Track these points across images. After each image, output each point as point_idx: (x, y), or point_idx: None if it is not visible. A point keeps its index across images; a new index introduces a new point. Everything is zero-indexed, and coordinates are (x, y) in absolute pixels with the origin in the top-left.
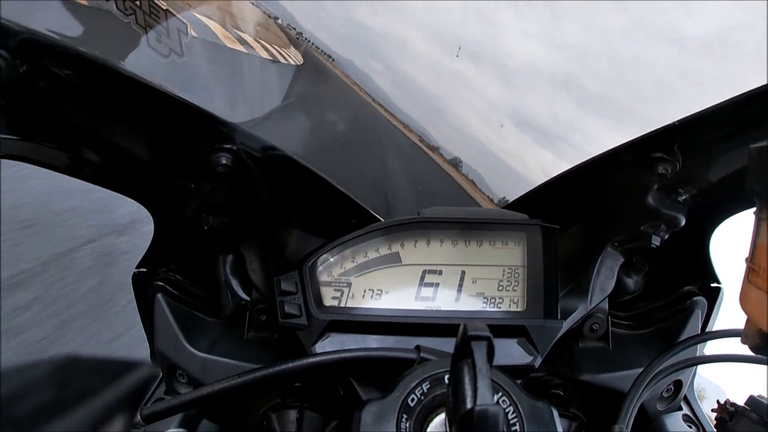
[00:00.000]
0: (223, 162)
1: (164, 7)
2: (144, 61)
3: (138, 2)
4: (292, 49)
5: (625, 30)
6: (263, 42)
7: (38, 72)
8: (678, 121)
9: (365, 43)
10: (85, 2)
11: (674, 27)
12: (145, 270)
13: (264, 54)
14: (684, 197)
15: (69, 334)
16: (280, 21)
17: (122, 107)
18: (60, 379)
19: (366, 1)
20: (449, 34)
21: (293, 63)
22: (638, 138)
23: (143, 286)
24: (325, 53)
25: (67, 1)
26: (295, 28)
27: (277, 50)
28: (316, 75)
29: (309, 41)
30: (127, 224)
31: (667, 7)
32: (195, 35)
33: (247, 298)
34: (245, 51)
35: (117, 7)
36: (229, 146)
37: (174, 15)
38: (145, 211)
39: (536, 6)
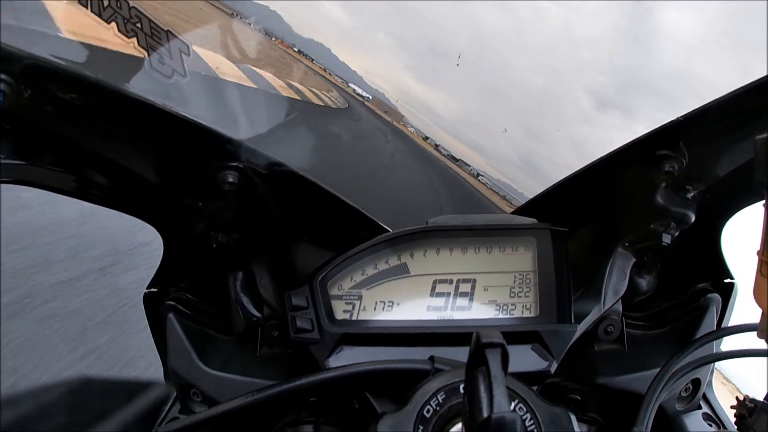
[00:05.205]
0: (230, 180)
1: (165, 29)
2: (147, 83)
3: (139, 24)
4: (334, 92)
5: None
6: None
7: (43, 96)
8: (682, 116)
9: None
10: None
11: None
12: (155, 290)
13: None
14: (692, 193)
15: None
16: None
17: (128, 129)
18: (74, 401)
19: None
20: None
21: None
22: (643, 136)
23: (154, 305)
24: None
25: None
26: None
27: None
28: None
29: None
30: None
31: None
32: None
33: (258, 314)
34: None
35: (118, 29)
36: (235, 164)
37: (175, 36)
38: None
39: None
